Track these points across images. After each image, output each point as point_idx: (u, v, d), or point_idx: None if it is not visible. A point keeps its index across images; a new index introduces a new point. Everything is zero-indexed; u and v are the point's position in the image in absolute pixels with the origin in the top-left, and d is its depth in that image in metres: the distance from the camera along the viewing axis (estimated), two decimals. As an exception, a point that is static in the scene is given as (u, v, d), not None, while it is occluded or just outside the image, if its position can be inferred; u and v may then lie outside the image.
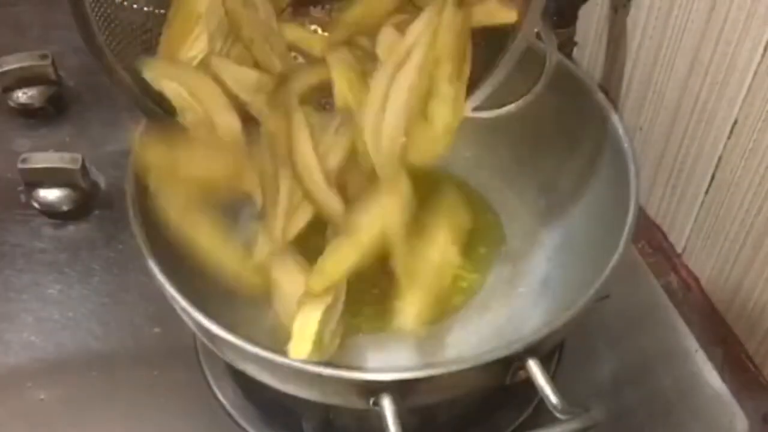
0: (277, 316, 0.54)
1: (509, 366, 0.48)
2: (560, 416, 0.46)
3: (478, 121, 0.56)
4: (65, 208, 0.72)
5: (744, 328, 0.64)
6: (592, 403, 0.46)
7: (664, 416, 0.61)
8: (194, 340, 0.63)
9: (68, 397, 0.61)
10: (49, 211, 0.72)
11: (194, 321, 0.49)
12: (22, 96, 0.78)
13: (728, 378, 0.62)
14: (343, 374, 0.47)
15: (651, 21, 0.66)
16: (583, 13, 0.74)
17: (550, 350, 0.57)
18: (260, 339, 0.50)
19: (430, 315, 0.54)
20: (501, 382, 0.49)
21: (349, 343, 0.55)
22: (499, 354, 0.48)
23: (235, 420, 0.60)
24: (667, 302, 0.67)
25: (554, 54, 0.54)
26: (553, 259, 0.62)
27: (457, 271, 0.60)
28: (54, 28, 0.85)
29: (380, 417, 0.46)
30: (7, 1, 0.88)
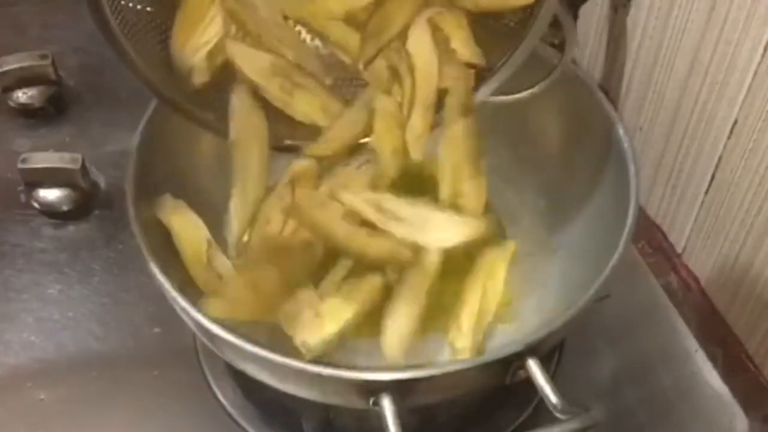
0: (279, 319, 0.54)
1: (509, 366, 0.48)
2: (560, 416, 0.46)
3: (478, 121, 0.56)
4: (65, 208, 0.72)
5: (744, 328, 0.64)
6: (592, 403, 0.46)
7: (664, 416, 0.61)
8: (194, 340, 0.63)
9: (68, 397, 0.61)
10: (49, 211, 0.72)
11: (194, 321, 0.49)
12: (22, 96, 0.78)
13: (728, 378, 0.62)
14: (343, 374, 0.47)
15: (651, 21, 0.66)
16: (583, 12, 0.74)
17: (549, 350, 0.57)
18: (260, 339, 0.50)
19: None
20: (501, 382, 0.49)
21: (349, 344, 0.55)
22: (499, 354, 0.48)
23: (235, 420, 0.60)
24: (667, 302, 0.67)
25: (573, 34, 0.55)
26: (553, 258, 0.62)
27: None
28: (54, 28, 0.85)
29: (380, 417, 0.46)
30: (7, 1, 0.88)
